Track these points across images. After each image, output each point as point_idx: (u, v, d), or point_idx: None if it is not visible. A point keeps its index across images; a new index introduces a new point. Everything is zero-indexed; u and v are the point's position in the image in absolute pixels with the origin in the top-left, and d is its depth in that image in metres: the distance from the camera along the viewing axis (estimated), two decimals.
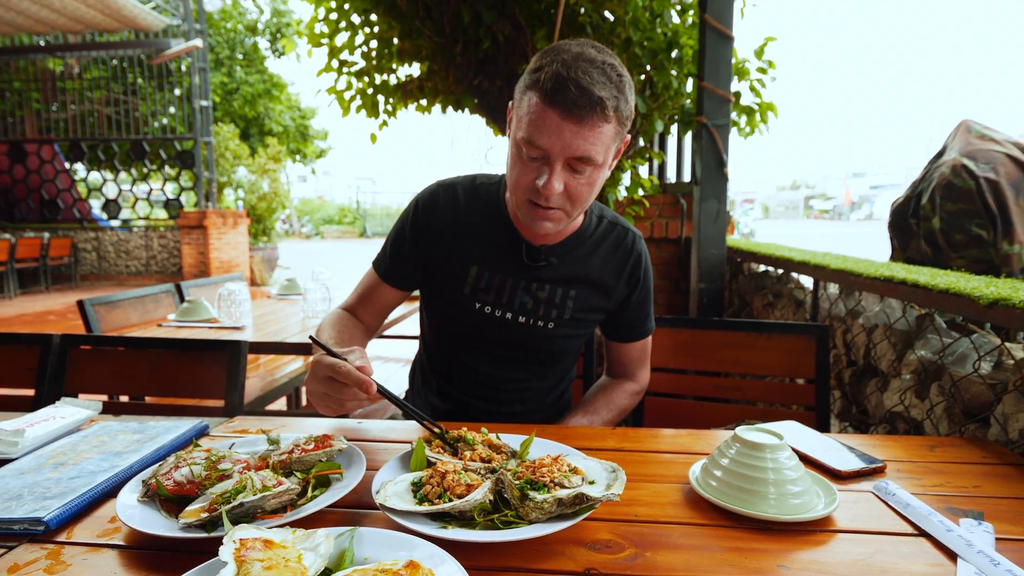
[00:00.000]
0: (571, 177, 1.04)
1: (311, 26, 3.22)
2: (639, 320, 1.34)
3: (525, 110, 1.02)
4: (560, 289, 1.23)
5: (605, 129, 1.00)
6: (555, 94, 0.97)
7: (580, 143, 0.99)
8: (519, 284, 1.22)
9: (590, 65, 0.98)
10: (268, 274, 11.31)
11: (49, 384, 1.50)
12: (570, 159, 1.01)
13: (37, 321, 7.09)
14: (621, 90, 1.01)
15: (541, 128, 0.99)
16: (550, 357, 1.31)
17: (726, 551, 0.72)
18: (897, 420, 1.58)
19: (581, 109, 0.96)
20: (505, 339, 1.25)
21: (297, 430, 1.10)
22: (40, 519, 0.76)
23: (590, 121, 0.98)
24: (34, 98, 11.06)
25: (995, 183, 1.95)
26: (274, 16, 15.64)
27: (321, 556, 0.63)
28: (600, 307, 1.28)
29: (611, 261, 1.26)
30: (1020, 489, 0.89)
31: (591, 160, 1.01)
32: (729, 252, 2.99)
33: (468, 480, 0.79)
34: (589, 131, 0.98)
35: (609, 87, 0.98)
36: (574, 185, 1.05)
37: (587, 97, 0.96)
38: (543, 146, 1.00)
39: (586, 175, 1.04)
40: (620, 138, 1.07)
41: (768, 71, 2.95)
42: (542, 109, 0.99)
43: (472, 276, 1.22)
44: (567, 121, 0.98)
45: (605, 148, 1.02)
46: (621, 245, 1.27)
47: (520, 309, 1.22)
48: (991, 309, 1.14)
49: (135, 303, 2.67)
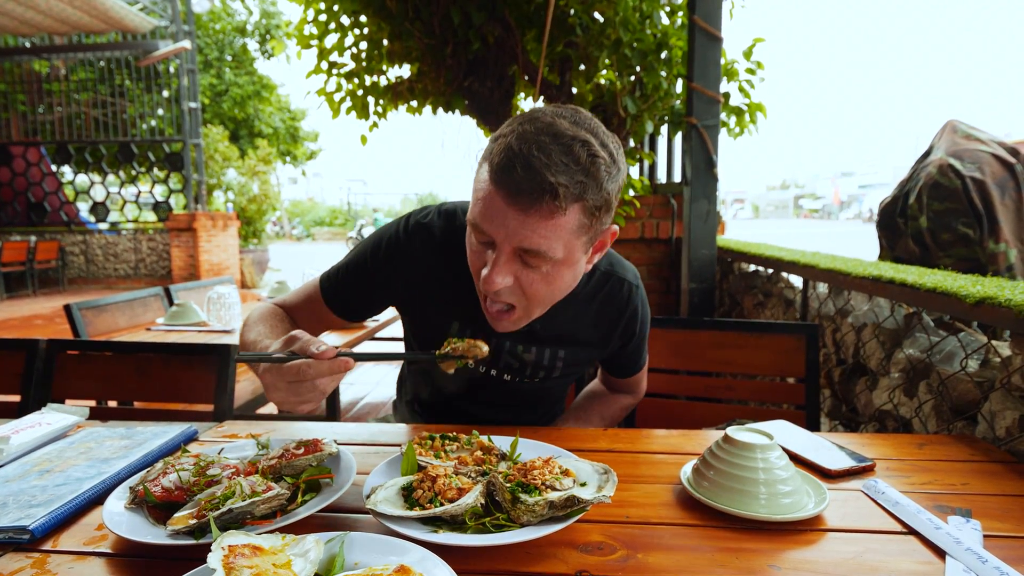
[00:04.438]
0: (524, 271, 0.88)
1: (300, 28, 3.21)
2: (633, 361, 1.29)
3: (476, 185, 0.88)
4: (548, 350, 1.13)
5: (561, 222, 0.82)
6: (501, 173, 0.82)
7: (528, 234, 0.83)
8: (504, 345, 1.11)
9: (553, 141, 0.81)
10: (258, 276, 11.24)
11: (35, 390, 1.48)
12: (518, 250, 0.85)
13: (23, 326, 7.01)
14: (591, 174, 0.83)
15: (486, 211, 0.85)
16: (539, 403, 1.28)
17: (717, 551, 0.73)
18: (886, 418, 1.59)
19: (527, 195, 0.80)
20: (490, 391, 1.19)
21: (287, 434, 1.09)
22: (25, 527, 0.75)
23: (538, 211, 0.81)
24: (20, 100, 10.93)
25: (981, 182, 1.98)
26: (263, 17, 15.55)
27: (311, 562, 0.62)
28: (592, 359, 1.22)
29: (604, 318, 1.15)
30: (1007, 486, 0.89)
31: (544, 255, 0.84)
32: (720, 252, 3.00)
33: (459, 484, 0.79)
34: (538, 222, 0.82)
35: (571, 171, 0.81)
36: (528, 281, 0.88)
37: (535, 182, 0.79)
38: (487, 231, 0.86)
39: (542, 270, 0.88)
40: (594, 232, 0.89)
41: (757, 72, 2.97)
42: (488, 188, 0.84)
43: (454, 332, 1.11)
44: (512, 207, 0.82)
45: (565, 243, 0.85)
46: (615, 300, 1.15)
47: (506, 368, 1.14)
48: (977, 308, 1.16)
49: (123, 307, 2.65)
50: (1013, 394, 1.14)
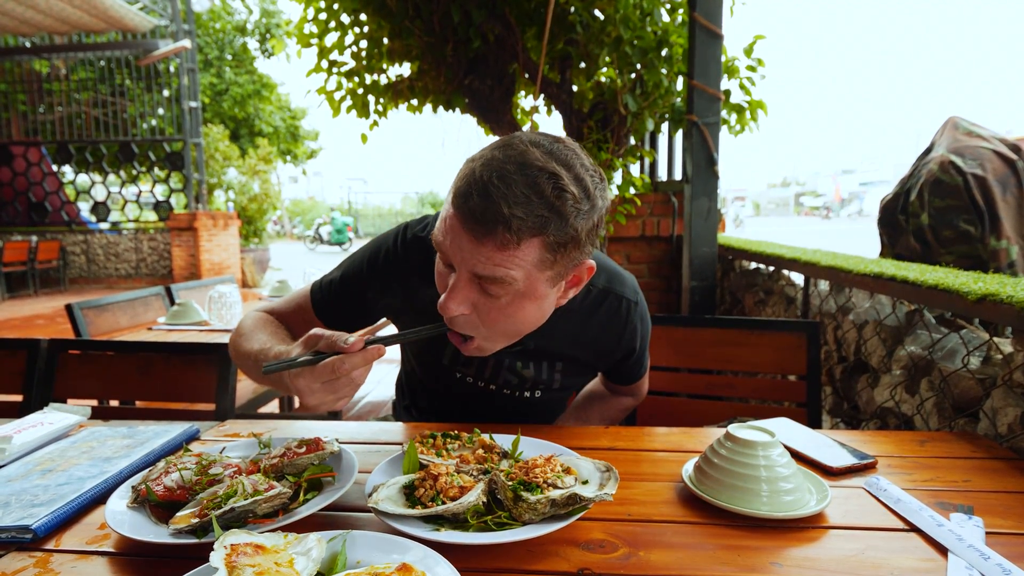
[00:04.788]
0: (482, 299, 0.85)
1: (300, 26, 3.20)
2: (634, 371, 1.27)
3: (445, 204, 0.86)
4: (546, 364, 1.12)
5: (517, 253, 0.79)
6: (460, 198, 0.80)
7: (482, 261, 0.80)
8: (502, 363, 1.10)
9: (518, 171, 0.78)
10: (259, 276, 11.25)
11: (37, 389, 1.49)
12: (476, 276, 0.83)
13: (25, 325, 7.02)
14: (556, 210, 0.78)
15: (446, 232, 0.83)
16: (538, 415, 1.27)
17: (719, 549, 0.73)
18: (888, 415, 1.59)
19: (481, 224, 0.78)
20: (489, 405, 1.18)
21: (289, 433, 1.09)
22: (28, 527, 0.75)
23: (492, 240, 0.78)
24: (20, 100, 10.93)
25: (982, 179, 1.97)
26: (263, 16, 15.53)
27: (313, 560, 0.62)
28: (591, 373, 1.23)
29: (603, 336, 1.12)
30: (1009, 483, 0.89)
31: (502, 282, 0.81)
32: (720, 250, 3.00)
33: (461, 482, 0.79)
34: (492, 252, 0.79)
35: (531, 204, 0.77)
36: (485, 308, 0.85)
37: (488, 212, 0.77)
38: (447, 253, 0.84)
39: (502, 300, 0.84)
40: (560, 268, 0.85)
41: (758, 69, 2.96)
42: (449, 210, 0.82)
43: (451, 349, 1.09)
44: (467, 233, 0.80)
45: (525, 274, 0.81)
46: (615, 318, 1.12)
47: (504, 384, 1.13)
48: (979, 304, 1.15)
49: (124, 306, 2.65)
50: (1015, 391, 1.14)
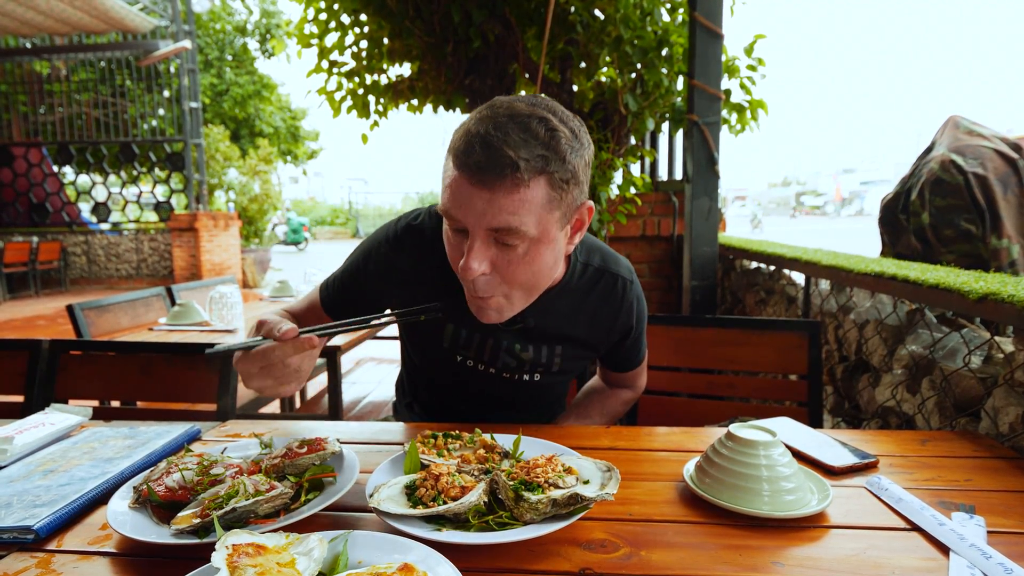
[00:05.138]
0: (501, 254, 0.88)
1: (300, 27, 3.20)
2: (632, 356, 1.28)
3: (443, 176, 0.89)
4: (545, 347, 1.13)
5: (528, 195, 0.83)
6: (462, 156, 0.83)
7: (496, 213, 0.83)
8: (500, 344, 1.11)
9: (510, 120, 0.83)
10: (260, 276, 11.25)
11: (38, 390, 1.49)
12: (491, 231, 0.86)
13: (26, 326, 7.03)
14: (553, 148, 0.84)
15: (454, 197, 0.85)
16: (539, 401, 1.28)
17: (721, 549, 0.73)
18: (889, 415, 1.59)
19: (489, 173, 0.81)
20: (490, 389, 1.19)
21: (290, 433, 1.09)
22: (30, 527, 0.75)
23: (503, 187, 0.82)
24: (21, 101, 10.95)
25: (983, 178, 1.97)
26: (263, 17, 15.54)
27: (315, 560, 0.63)
28: (589, 355, 1.22)
29: (600, 314, 1.14)
30: (1011, 482, 0.89)
31: (516, 231, 0.84)
32: (721, 249, 3.00)
33: (462, 482, 0.79)
34: (505, 198, 0.82)
35: (531, 145, 0.82)
36: (504, 263, 0.88)
37: (495, 158, 0.81)
38: (458, 218, 0.86)
39: (519, 251, 0.87)
40: (565, 205, 0.88)
41: (758, 68, 2.96)
42: (454, 174, 0.85)
43: (449, 333, 1.12)
44: (477, 187, 0.83)
45: (536, 217, 0.85)
46: (611, 296, 1.14)
47: (504, 367, 1.14)
48: (980, 304, 1.15)
49: (125, 307, 2.65)
50: (1016, 390, 1.14)
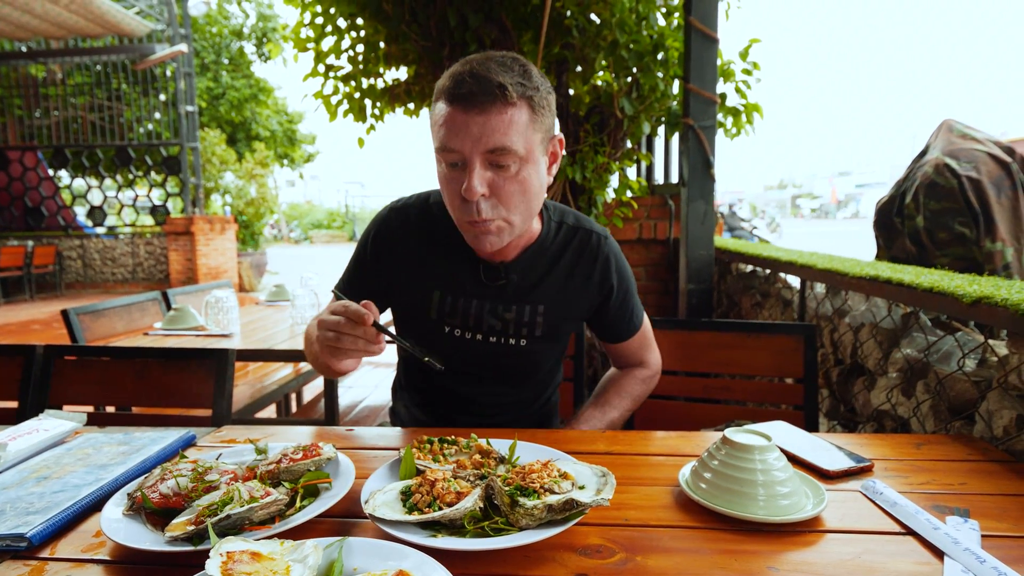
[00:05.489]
0: (496, 176, 0.98)
1: (297, 31, 3.20)
2: (624, 320, 1.29)
3: (434, 120, 1.00)
4: (528, 307, 1.17)
5: (515, 115, 0.95)
6: (455, 90, 0.95)
7: (490, 134, 0.94)
8: (484, 307, 1.17)
9: (488, 60, 0.97)
10: (257, 280, 11.23)
11: (33, 396, 1.48)
12: (487, 155, 0.96)
13: (21, 331, 7.00)
14: (527, 77, 0.97)
15: (450, 130, 0.96)
16: (528, 372, 1.27)
17: (716, 553, 0.73)
18: (884, 418, 1.59)
19: (482, 97, 0.93)
20: (479, 359, 1.21)
21: (285, 439, 1.09)
22: (23, 535, 0.74)
23: (495, 108, 0.94)
24: (16, 104, 10.93)
25: (977, 182, 1.98)
26: (260, 21, 15.54)
27: (310, 567, 0.62)
28: (574, 317, 1.24)
29: (577, 270, 1.19)
30: (1005, 486, 0.90)
31: (509, 150, 0.96)
32: (717, 253, 3.00)
33: (458, 488, 0.79)
34: (497, 119, 0.94)
35: (511, 74, 0.96)
36: (500, 184, 0.99)
37: (486, 84, 0.93)
38: (455, 148, 0.96)
39: (512, 171, 0.98)
40: (543, 129, 1.01)
41: (753, 72, 2.97)
42: (447, 111, 0.96)
43: (436, 301, 1.18)
44: (471, 113, 0.94)
45: (523, 137, 0.97)
46: (585, 250, 1.19)
47: (489, 331, 1.18)
48: (974, 307, 1.16)
49: (121, 312, 2.64)
50: (1010, 393, 1.14)
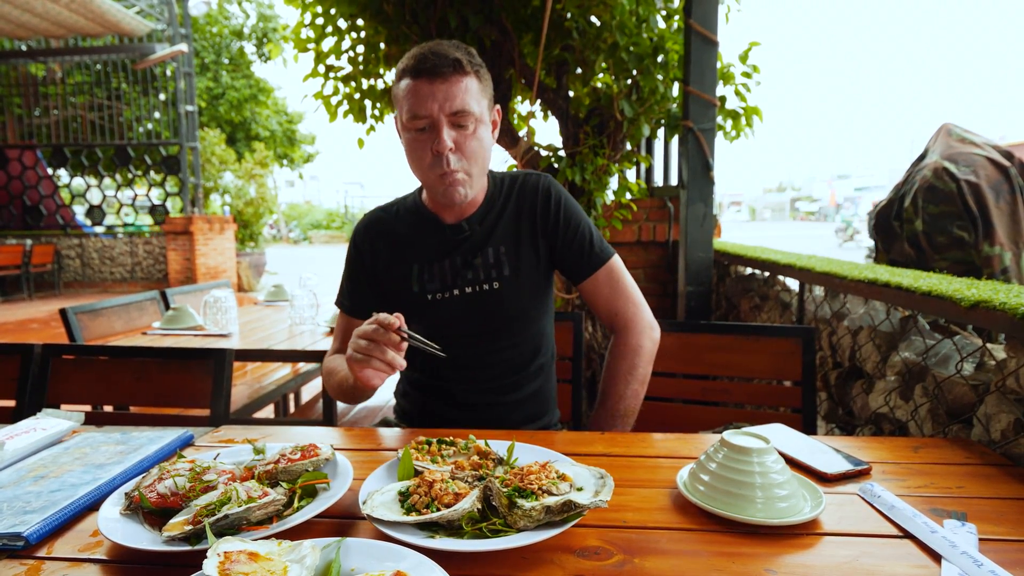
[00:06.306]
0: (459, 135, 1.17)
1: (297, 31, 3.20)
2: (583, 253, 1.33)
3: (400, 98, 1.18)
4: (491, 249, 1.30)
5: (469, 83, 1.16)
6: (419, 66, 1.14)
7: (453, 99, 1.14)
8: (456, 261, 1.30)
9: (439, 43, 1.18)
10: (255, 280, 11.22)
11: (30, 395, 1.48)
12: (450, 116, 1.15)
13: (19, 330, 6.99)
14: (472, 56, 1.19)
15: (418, 100, 1.14)
16: (512, 321, 1.30)
17: (714, 556, 0.73)
18: (882, 421, 1.60)
19: (443, 68, 1.13)
20: (463, 316, 1.28)
21: (283, 439, 1.09)
22: (20, 534, 0.74)
23: (454, 78, 1.14)
24: (16, 103, 10.92)
25: (976, 186, 1.99)
26: (260, 21, 15.55)
27: (307, 568, 0.62)
28: (534, 255, 1.32)
29: (522, 208, 1.34)
30: (1002, 489, 0.90)
31: (468, 112, 1.16)
32: (716, 255, 3.01)
33: (456, 489, 0.79)
34: (456, 86, 1.15)
35: (461, 51, 1.17)
36: (462, 141, 1.18)
37: (444, 59, 1.14)
38: (424, 114, 1.14)
39: (470, 130, 1.18)
40: (488, 96, 1.22)
41: (753, 75, 2.97)
42: (413, 85, 1.15)
43: (415, 273, 1.31)
44: (436, 83, 1.14)
45: (477, 102, 1.18)
46: (525, 189, 1.35)
47: (464, 282, 1.29)
48: (972, 311, 1.16)
49: (119, 311, 2.64)
50: (1008, 397, 1.14)
